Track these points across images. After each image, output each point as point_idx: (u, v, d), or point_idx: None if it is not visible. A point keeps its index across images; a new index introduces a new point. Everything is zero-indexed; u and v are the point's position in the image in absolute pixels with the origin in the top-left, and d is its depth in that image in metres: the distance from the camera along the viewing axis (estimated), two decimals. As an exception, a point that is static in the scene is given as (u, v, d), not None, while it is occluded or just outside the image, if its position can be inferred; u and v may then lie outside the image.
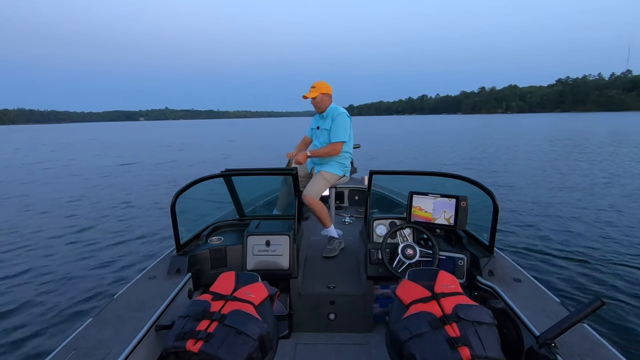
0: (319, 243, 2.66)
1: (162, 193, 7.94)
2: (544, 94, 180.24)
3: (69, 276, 3.74)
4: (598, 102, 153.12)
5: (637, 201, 6.21)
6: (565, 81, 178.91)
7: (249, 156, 16.76)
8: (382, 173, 2.22)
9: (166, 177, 10.31)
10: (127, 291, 1.65)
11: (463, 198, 1.89)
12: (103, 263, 4.06)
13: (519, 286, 1.64)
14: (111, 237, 4.97)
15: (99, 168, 12.62)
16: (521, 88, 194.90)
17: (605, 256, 3.89)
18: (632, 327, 2.65)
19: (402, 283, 1.41)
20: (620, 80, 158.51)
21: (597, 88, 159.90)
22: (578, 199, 6.51)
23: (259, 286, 1.45)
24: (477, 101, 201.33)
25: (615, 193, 6.86)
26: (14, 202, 7.37)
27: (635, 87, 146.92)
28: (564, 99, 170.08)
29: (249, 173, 2.22)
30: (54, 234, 5.21)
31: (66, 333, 2.71)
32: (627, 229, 4.77)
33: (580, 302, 2.98)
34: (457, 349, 1.06)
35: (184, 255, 1.92)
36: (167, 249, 2.11)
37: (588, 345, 1.21)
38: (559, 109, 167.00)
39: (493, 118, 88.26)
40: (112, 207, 6.79)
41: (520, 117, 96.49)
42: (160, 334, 1.45)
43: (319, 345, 1.95)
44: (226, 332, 1.19)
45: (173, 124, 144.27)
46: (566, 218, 5.32)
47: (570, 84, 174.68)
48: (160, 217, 5.95)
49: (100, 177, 10.63)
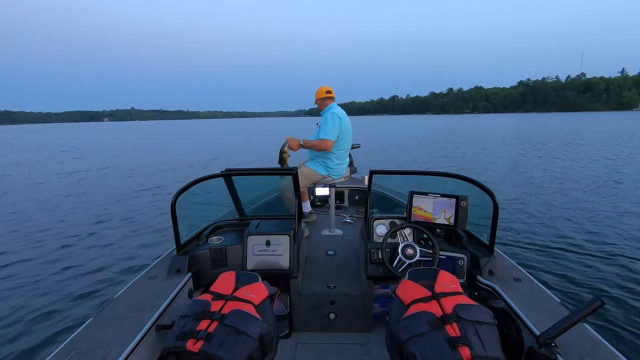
0: (319, 243, 2.66)
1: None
2: (507, 95, 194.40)
3: (69, 276, 3.74)
4: (556, 103, 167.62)
5: (637, 201, 6.22)
6: (526, 83, 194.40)
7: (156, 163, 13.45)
8: (383, 173, 2.22)
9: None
10: (127, 291, 1.65)
11: (463, 198, 1.89)
12: (103, 263, 4.06)
13: (519, 286, 1.64)
14: (111, 237, 4.97)
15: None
16: (486, 89, 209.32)
17: (605, 256, 3.89)
18: (632, 326, 2.65)
19: (402, 283, 1.41)
20: (575, 82, 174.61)
21: (555, 90, 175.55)
22: (577, 198, 6.51)
23: (259, 286, 1.45)
24: (446, 102, 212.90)
25: (616, 192, 6.88)
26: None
27: (588, 89, 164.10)
28: (525, 100, 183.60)
29: (249, 173, 2.23)
30: (53, 234, 5.21)
31: (66, 333, 2.71)
32: (627, 229, 4.77)
33: (580, 302, 2.98)
34: (458, 348, 1.06)
35: (184, 255, 1.92)
36: (167, 248, 2.12)
37: (588, 345, 1.21)
38: (521, 109, 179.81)
39: (462, 118, 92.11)
40: (111, 207, 6.80)
41: (487, 117, 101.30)
42: (160, 334, 1.45)
43: (319, 345, 1.95)
44: (226, 331, 1.19)
45: (138, 124, 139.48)
46: (566, 218, 5.33)
47: (531, 85, 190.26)
48: (159, 217, 5.96)
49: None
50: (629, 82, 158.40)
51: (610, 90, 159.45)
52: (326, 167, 3.00)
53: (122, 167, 12.57)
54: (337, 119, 2.86)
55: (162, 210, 6.32)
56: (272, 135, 31.62)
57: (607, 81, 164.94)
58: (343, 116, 2.92)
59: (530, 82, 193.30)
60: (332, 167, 3.00)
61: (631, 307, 2.90)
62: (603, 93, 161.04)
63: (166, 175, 10.52)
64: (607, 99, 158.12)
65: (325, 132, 2.83)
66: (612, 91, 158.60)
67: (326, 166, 3.00)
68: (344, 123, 2.92)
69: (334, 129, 2.84)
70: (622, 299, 3.03)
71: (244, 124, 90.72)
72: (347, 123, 2.96)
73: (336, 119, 2.86)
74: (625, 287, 3.23)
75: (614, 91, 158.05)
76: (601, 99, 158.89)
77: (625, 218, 5.22)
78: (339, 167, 3.03)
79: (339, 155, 3.00)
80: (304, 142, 2.91)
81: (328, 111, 2.92)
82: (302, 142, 2.90)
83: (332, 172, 3.01)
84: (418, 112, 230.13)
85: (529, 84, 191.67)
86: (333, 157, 2.98)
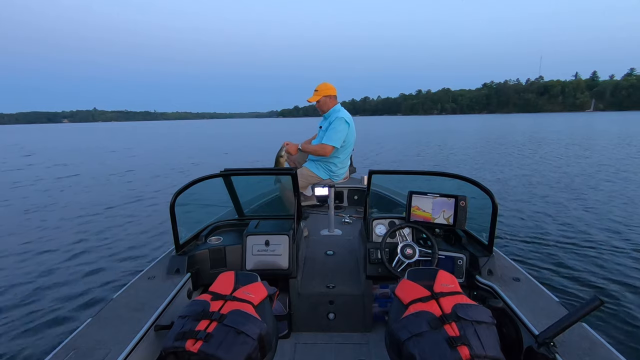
0: (319, 243, 2.66)
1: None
2: (473, 97, 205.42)
3: (68, 276, 3.74)
4: (518, 105, 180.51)
5: (637, 202, 6.24)
6: (490, 85, 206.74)
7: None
8: (382, 173, 2.22)
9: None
10: (126, 291, 1.65)
11: (462, 198, 1.90)
12: (102, 263, 4.06)
13: (518, 285, 1.64)
14: (110, 237, 4.97)
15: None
16: (453, 91, 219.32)
17: (604, 256, 3.90)
18: (631, 326, 2.66)
19: (402, 282, 1.41)
20: (534, 85, 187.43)
21: (516, 92, 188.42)
22: (574, 199, 6.54)
23: (258, 286, 1.45)
24: (415, 103, 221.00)
25: (618, 191, 6.90)
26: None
27: (546, 91, 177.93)
28: (490, 102, 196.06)
29: (249, 173, 2.23)
30: (52, 233, 5.20)
31: (65, 333, 2.71)
32: (626, 228, 4.78)
33: (579, 302, 2.98)
34: (457, 348, 1.06)
35: (183, 255, 1.92)
36: (166, 249, 2.11)
37: (587, 345, 1.21)
38: (486, 110, 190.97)
39: (432, 119, 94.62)
40: (110, 207, 6.79)
41: (455, 118, 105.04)
42: (159, 334, 1.45)
43: (318, 344, 1.95)
44: (225, 332, 1.19)
45: (100, 126, 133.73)
46: (565, 218, 5.34)
47: (494, 87, 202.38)
48: (159, 217, 5.95)
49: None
50: (582, 86, 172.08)
51: (565, 92, 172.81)
52: (328, 170, 2.92)
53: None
54: (345, 125, 2.74)
55: (157, 212, 6.31)
56: (244, 138, 30.96)
57: (562, 84, 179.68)
58: (351, 121, 2.81)
59: (493, 84, 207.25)
60: (334, 171, 2.92)
61: (630, 306, 2.91)
62: (559, 95, 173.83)
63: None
64: (563, 101, 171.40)
65: (332, 139, 2.70)
66: (568, 94, 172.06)
67: (328, 170, 2.92)
68: (351, 128, 2.81)
69: (342, 136, 2.72)
70: (621, 298, 3.04)
71: (214, 125, 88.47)
72: (353, 128, 2.86)
73: (345, 126, 2.73)
74: (624, 287, 3.23)
75: (569, 94, 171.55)
76: (558, 101, 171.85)
77: (625, 218, 5.24)
78: (340, 171, 2.96)
79: (342, 160, 2.91)
80: (303, 147, 2.82)
81: (336, 115, 2.77)
82: (300, 147, 2.80)
83: (333, 176, 2.94)
84: (389, 113, 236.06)
85: (493, 86, 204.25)
86: (337, 162, 2.89)
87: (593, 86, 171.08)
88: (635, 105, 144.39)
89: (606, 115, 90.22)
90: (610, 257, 3.85)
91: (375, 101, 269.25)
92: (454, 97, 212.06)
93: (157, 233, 5.10)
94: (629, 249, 4.05)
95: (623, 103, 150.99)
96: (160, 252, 2.11)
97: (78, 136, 42.97)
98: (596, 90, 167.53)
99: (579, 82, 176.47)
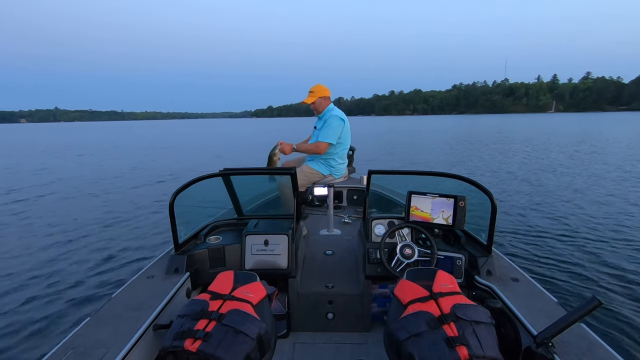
0: (318, 243, 2.66)
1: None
2: (443, 98, 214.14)
3: (67, 276, 3.73)
4: (485, 106, 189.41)
5: (637, 202, 6.25)
6: (459, 87, 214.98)
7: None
8: (381, 173, 2.22)
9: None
10: (125, 290, 1.65)
11: (461, 198, 1.90)
12: (101, 263, 4.05)
13: (517, 286, 1.65)
14: (109, 237, 4.96)
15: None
16: (424, 92, 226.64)
17: (603, 256, 3.90)
18: (629, 326, 2.66)
19: (401, 283, 1.41)
20: (500, 87, 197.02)
21: (483, 93, 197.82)
22: (574, 198, 6.54)
23: (257, 285, 1.45)
24: (388, 104, 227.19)
25: (618, 191, 6.91)
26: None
27: (511, 93, 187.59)
28: (459, 103, 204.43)
29: (248, 172, 2.23)
30: (51, 233, 5.19)
31: (64, 332, 2.70)
32: (626, 228, 4.79)
33: (577, 302, 2.99)
34: (455, 348, 1.07)
35: (183, 255, 1.92)
36: (165, 248, 2.11)
37: (585, 345, 1.21)
38: (455, 111, 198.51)
39: (405, 119, 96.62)
40: (111, 206, 6.77)
41: (427, 118, 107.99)
42: (158, 334, 1.44)
43: (317, 344, 1.95)
44: (224, 331, 1.19)
45: (61, 126, 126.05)
46: (565, 218, 5.34)
47: (463, 89, 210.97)
48: (158, 216, 5.94)
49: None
50: (544, 88, 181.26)
51: (529, 94, 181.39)
52: (328, 166, 2.99)
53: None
54: (340, 122, 2.86)
55: (159, 210, 6.31)
56: (217, 138, 29.98)
57: (526, 86, 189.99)
58: (345, 119, 2.94)
59: (462, 86, 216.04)
60: (334, 166, 2.99)
61: (629, 307, 2.91)
62: (523, 97, 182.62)
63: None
64: (526, 102, 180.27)
65: (328, 136, 2.82)
66: (531, 95, 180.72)
67: (328, 165, 2.99)
68: (346, 125, 2.94)
69: (336, 132, 2.84)
70: (620, 299, 3.04)
71: (184, 126, 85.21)
72: (348, 124, 2.98)
73: (340, 123, 2.86)
74: (623, 287, 3.24)
75: (532, 95, 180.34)
76: (522, 102, 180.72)
77: (626, 218, 5.25)
78: (341, 167, 3.04)
79: (341, 155, 3.01)
80: (297, 147, 2.88)
81: (330, 113, 2.89)
82: (295, 147, 2.87)
83: (334, 172, 3.01)
84: (363, 113, 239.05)
85: (462, 88, 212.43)
86: (336, 157, 2.98)
87: (554, 88, 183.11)
88: (591, 106, 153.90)
89: (566, 116, 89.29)
90: (610, 257, 3.85)
91: (349, 102, 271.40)
92: (425, 98, 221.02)
93: (156, 232, 5.10)
94: (630, 249, 4.06)
95: (580, 104, 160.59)
96: (159, 252, 2.11)
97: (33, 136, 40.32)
98: (557, 93, 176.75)
99: (541, 85, 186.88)
